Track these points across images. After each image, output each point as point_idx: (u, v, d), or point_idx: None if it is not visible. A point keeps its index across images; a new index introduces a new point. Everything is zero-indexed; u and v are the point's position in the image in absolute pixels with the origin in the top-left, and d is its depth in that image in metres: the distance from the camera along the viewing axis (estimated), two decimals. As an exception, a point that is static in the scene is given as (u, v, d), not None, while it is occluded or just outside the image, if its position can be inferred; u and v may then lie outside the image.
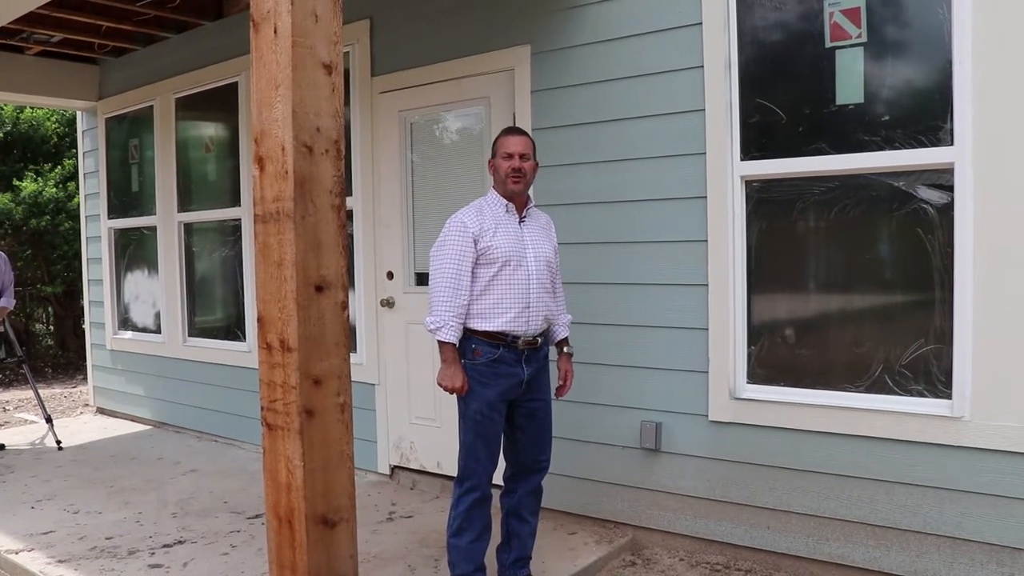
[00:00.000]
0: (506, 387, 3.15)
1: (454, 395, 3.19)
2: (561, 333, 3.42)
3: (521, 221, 3.25)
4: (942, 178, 3.18)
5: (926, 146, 3.20)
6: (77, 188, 8.74)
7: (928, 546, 3.25)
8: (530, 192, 3.39)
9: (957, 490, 3.17)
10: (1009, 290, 3.03)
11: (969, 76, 3.07)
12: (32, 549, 3.93)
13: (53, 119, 10.35)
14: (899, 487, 3.30)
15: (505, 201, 3.22)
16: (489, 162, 3.29)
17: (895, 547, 3.32)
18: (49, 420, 6.22)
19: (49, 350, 11.14)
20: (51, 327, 11.58)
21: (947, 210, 3.17)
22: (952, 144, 3.13)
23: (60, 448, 5.98)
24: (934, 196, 3.22)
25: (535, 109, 4.19)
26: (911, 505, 3.27)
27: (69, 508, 4.56)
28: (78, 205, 8.44)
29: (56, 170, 10.04)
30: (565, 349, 3.42)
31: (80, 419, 7.30)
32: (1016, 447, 3.03)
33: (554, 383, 3.40)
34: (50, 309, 11.31)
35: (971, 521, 3.15)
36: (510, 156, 3.18)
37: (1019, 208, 3.00)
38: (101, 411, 7.42)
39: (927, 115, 3.21)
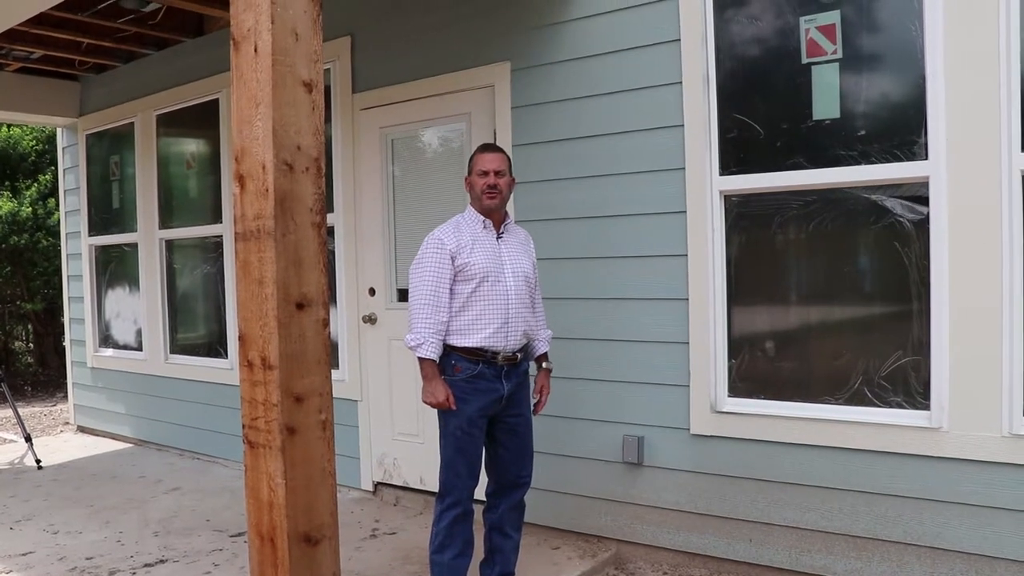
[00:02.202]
0: (486, 403, 3.16)
1: (435, 411, 3.19)
2: (541, 348, 3.42)
3: (499, 237, 3.26)
4: (918, 192, 3.23)
5: (901, 160, 3.24)
6: (56, 204, 8.67)
7: (909, 556, 3.27)
8: (509, 208, 3.40)
9: (937, 500, 3.20)
10: (983, 302, 3.08)
11: (942, 91, 3.13)
12: (10, 571, 3.88)
13: (31, 136, 10.28)
14: (880, 498, 3.32)
15: (482, 217, 3.24)
16: (465, 179, 3.31)
17: (876, 558, 3.34)
18: (29, 439, 6.15)
19: (29, 368, 11.03)
20: (31, 345, 11.47)
21: (923, 223, 3.22)
22: (927, 158, 3.18)
23: (40, 467, 5.92)
24: (910, 210, 3.26)
25: (516, 125, 4.21)
26: (892, 516, 3.30)
27: (49, 528, 4.52)
28: (57, 222, 8.37)
29: (32, 187, 9.97)
30: (544, 364, 3.43)
31: (60, 437, 7.22)
32: (994, 457, 3.07)
33: (532, 400, 3.41)
34: (30, 327, 11.20)
35: (951, 531, 3.18)
36: (485, 173, 3.20)
37: (992, 220, 3.05)
38: (82, 429, 7.35)
39: (902, 130, 3.25)
